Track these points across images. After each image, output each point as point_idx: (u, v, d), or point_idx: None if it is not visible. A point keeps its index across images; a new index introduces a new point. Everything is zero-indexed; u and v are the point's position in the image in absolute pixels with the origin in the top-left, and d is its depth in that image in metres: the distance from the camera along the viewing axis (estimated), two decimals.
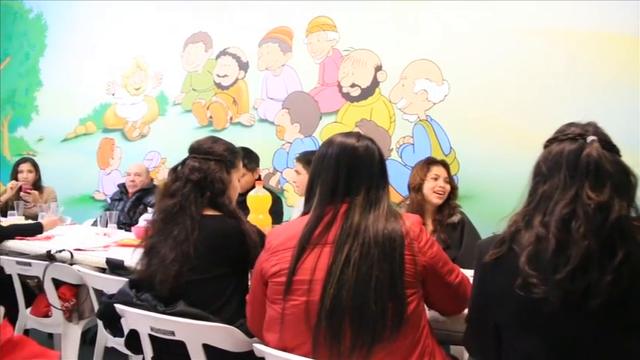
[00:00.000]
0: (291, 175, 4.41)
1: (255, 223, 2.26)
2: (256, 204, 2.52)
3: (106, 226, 3.89)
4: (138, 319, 1.92)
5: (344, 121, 4.18)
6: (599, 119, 1.41)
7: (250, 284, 1.77)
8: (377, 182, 1.64)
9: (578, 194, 1.28)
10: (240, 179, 3.18)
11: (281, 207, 3.70)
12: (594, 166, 1.29)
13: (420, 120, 3.88)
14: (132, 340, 2.08)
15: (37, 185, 4.86)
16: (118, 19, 5.64)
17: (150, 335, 1.93)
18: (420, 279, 1.54)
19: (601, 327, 1.25)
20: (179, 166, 2.15)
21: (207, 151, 2.16)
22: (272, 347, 1.56)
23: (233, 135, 4.62)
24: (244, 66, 4.75)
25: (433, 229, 3.04)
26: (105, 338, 2.68)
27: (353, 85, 4.17)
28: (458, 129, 3.74)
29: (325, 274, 1.49)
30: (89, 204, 5.80)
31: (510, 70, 3.55)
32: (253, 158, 3.75)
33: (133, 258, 2.16)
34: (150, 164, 5.15)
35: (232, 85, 4.81)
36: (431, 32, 3.86)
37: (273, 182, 4.47)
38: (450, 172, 3.17)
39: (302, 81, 4.42)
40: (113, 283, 2.36)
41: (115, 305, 1.96)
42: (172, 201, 2.05)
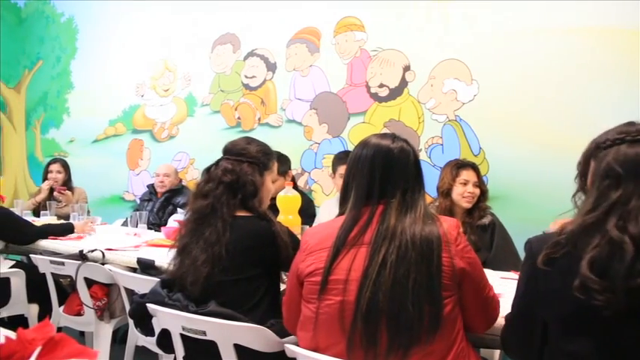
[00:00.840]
0: (319, 176, 4.41)
1: (284, 224, 2.26)
2: (286, 204, 2.52)
3: (136, 227, 3.93)
4: (170, 319, 1.94)
5: (372, 122, 4.17)
6: (633, 118, 1.38)
7: (287, 285, 1.78)
8: (412, 184, 1.63)
9: None
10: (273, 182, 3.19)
11: (312, 208, 3.70)
12: None
13: (449, 120, 3.85)
14: (163, 340, 2.09)
15: (68, 186, 4.94)
16: (147, 22, 5.69)
17: (181, 335, 1.94)
18: (457, 282, 1.53)
19: None
20: (212, 167, 2.15)
21: (240, 153, 2.16)
22: (304, 346, 1.57)
23: (261, 136, 4.58)
24: (272, 67, 4.76)
25: (463, 232, 3.00)
26: (136, 337, 2.71)
27: (381, 86, 4.15)
28: (487, 129, 3.70)
29: (361, 276, 1.49)
30: (119, 204, 5.86)
31: (541, 69, 3.51)
32: (284, 162, 3.74)
33: (166, 258, 2.18)
34: (178, 165, 5.19)
35: (260, 86, 4.83)
36: (460, 31, 3.83)
37: (301, 183, 4.46)
38: (480, 175, 3.11)
39: (330, 81, 4.41)
40: (144, 283, 2.39)
41: (147, 305, 1.98)
42: (205, 202, 2.06)
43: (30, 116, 6.93)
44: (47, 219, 4.27)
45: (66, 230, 3.52)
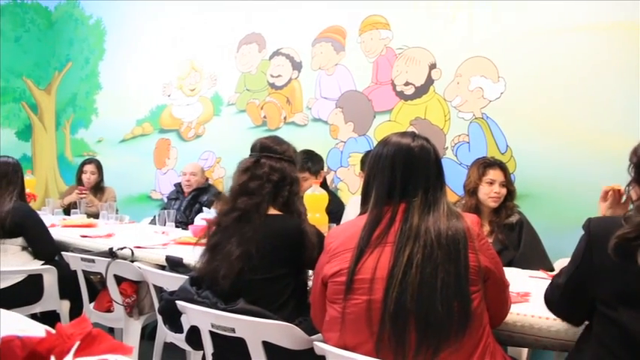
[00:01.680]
0: (345, 174, 4.41)
1: (311, 222, 2.27)
2: (313, 203, 2.52)
3: (164, 225, 3.98)
4: (199, 316, 1.96)
5: (398, 120, 4.15)
6: None
7: (312, 286, 1.79)
8: (434, 183, 1.63)
9: None
10: (303, 182, 3.20)
11: (340, 207, 3.70)
12: None
13: (476, 118, 3.82)
14: (192, 336, 2.11)
15: (99, 186, 5.01)
16: (173, 23, 5.75)
17: (210, 332, 1.96)
18: (482, 278, 1.54)
19: None
20: (252, 165, 2.14)
21: (280, 152, 2.17)
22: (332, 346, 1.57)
23: (287, 134, 4.61)
24: (298, 66, 4.77)
25: (490, 230, 2.97)
26: (164, 334, 2.73)
27: (407, 84, 4.13)
28: (514, 127, 3.66)
29: (387, 275, 1.49)
30: (146, 203, 5.93)
31: (568, 66, 3.45)
32: (316, 161, 3.74)
33: (193, 255, 2.20)
34: (205, 164, 5.23)
35: (286, 85, 4.84)
36: (486, 28, 3.78)
37: (327, 181, 4.47)
38: (508, 174, 3.06)
39: (355, 80, 4.40)
40: (172, 280, 2.41)
41: (177, 302, 2.00)
42: (250, 200, 2.06)
43: (60, 117, 7.06)
44: (77, 217, 4.34)
45: None
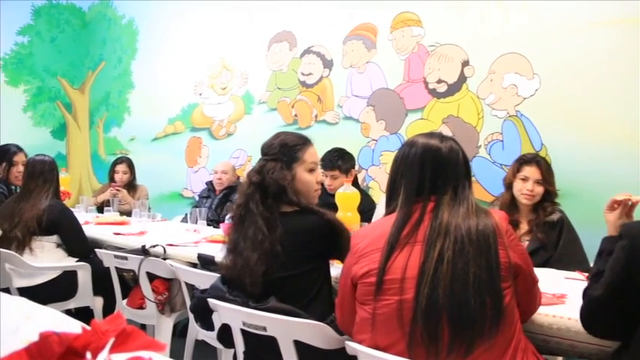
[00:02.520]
0: (376, 173, 4.38)
1: (343, 221, 2.25)
2: (345, 201, 2.50)
3: (196, 223, 4.00)
4: (230, 314, 1.96)
5: (430, 118, 4.11)
6: None
7: (339, 288, 1.77)
8: (463, 181, 1.63)
9: None
10: (326, 177, 3.18)
11: (371, 206, 3.67)
12: None
13: (510, 116, 3.76)
14: (224, 334, 2.12)
15: (132, 184, 5.06)
16: (204, 22, 5.78)
17: (242, 330, 1.96)
18: (512, 274, 1.52)
19: None
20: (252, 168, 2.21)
21: (265, 152, 2.19)
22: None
23: (318, 133, 4.64)
24: (329, 64, 4.76)
25: (529, 230, 2.91)
26: (196, 331, 2.74)
27: (439, 81, 4.09)
28: (550, 124, 3.59)
29: (418, 273, 1.48)
30: (178, 201, 5.98)
31: (605, 62, 3.37)
32: (347, 159, 3.72)
33: (221, 254, 2.20)
34: (236, 162, 5.26)
35: (317, 83, 4.83)
36: (520, 24, 3.72)
37: (358, 180, 4.45)
38: (546, 173, 2.91)
39: (387, 78, 4.37)
40: (204, 278, 2.42)
41: (208, 300, 2.00)
42: (240, 202, 2.11)
43: (93, 116, 7.16)
44: (110, 215, 4.40)
45: None
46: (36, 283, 3.12)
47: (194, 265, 2.76)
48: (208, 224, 4.10)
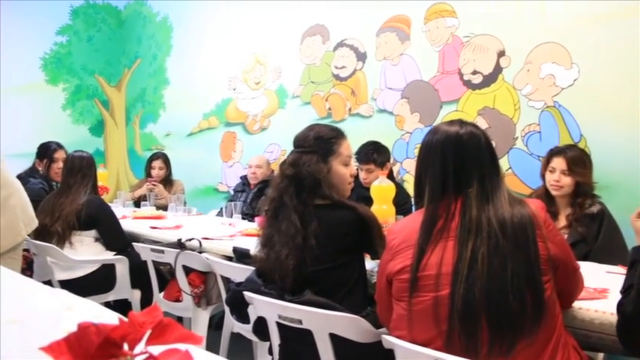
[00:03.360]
0: (411, 166, 4.34)
1: (378, 215, 2.23)
2: (380, 194, 2.48)
3: (231, 217, 4.03)
4: (266, 307, 1.96)
5: (465, 110, 4.05)
6: None
7: (376, 284, 1.77)
8: (489, 170, 1.58)
9: None
10: (361, 171, 3.17)
11: (407, 199, 3.64)
12: None
13: (547, 106, 3.69)
14: (259, 327, 2.13)
15: (168, 179, 5.13)
16: (237, 17, 5.80)
17: (277, 323, 1.96)
18: (551, 266, 1.48)
19: None
20: (283, 161, 2.19)
21: (299, 144, 2.17)
22: None
23: (352, 126, 4.62)
24: (362, 56, 4.73)
25: (567, 224, 2.86)
26: (231, 324, 2.76)
27: (474, 72, 4.03)
28: (589, 115, 3.51)
29: (452, 271, 1.45)
30: (213, 195, 6.04)
31: None
32: (382, 152, 3.69)
33: (256, 247, 2.21)
34: (270, 156, 5.28)
35: (350, 76, 4.81)
36: (557, 12, 3.63)
37: (393, 173, 4.42)
38: (574, 163, 2.88)
39: (421, 70, 4.33)
40: (239, 271, 2.44)
41: (244, 293, 2.01)
42: (273, 196, 2.10)
43: (130, 112, 7.27)
44: (147, 209, 4.46)
45: None
46: (76, 276, 3.19)
47: (229, 259, 2.78)
48: (243, 218, 4.13)
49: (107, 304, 3.15)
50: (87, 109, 7.05)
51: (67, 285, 2.98)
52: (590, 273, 2.14)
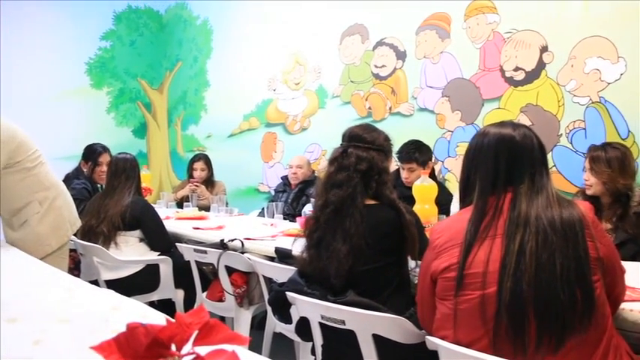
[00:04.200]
0: (452, 165, 4.30)
1: (420, 214, 2.22)
2: (422, 193, 2.47)
3: (273, 217, 4.05)
4: (309, 307, 1.96)
5: (508, 107, 3.99)
6: None
7: (418, 284, 1.75)
8: (540, 168, 1.57)
9: None
10: (402, 170, 3.15)
11: (448, 198, 3.60)
12: None
13: (593, 102, 3.60)
14: (302, 327, 2.13)
15: (210, 180, 5.18)
16: (277, 19, 5.83)
17: (320, 323, 1.96)
18: (600, 267, 1.45)
19: None
20: (339, 156, 2.13)
21: (369, 141, 2.13)
22: None
23: (392, 125, 4.60)
24: (402, 55, 4.70)
25: (614, 227, 2.78)
26: (274, 324, 2.77)
27: (516, 69, 3.96)
28: (637, 110, 3.41)
29: (499, 266, 1.43)
30: (254, 196, 6.08)
31: None
32: (424, 152, 3.65)
33: (295, 248, 2.21)
34: (311, 156, 5.29)
35: (390, 75, 4.78)
36: (602, 5, 3.54)
37: (435, 172, 4.37)
38: (593, 163, 2.84)
39: (462, 67, 4.28)
40: (282, 272, 2.44)
41: (287, 293, 2.02)
42: (342, 192, 2.03)
43: (171, 114, 7.37)
44: (189, 210, 4.52)
45: None
46: (121, 276, 3.25)
47: (271, 259, 2.79)
48: (284, 218, 4.14)
49: (151, 304, 3.20)
50: (130, 112, 7.19)
51: (113, 285, 3.03)
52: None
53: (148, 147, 7.39)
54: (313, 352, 2.15)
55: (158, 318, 1.27)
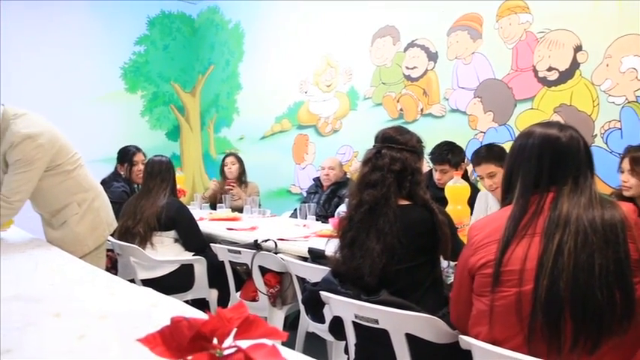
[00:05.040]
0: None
1: (453, 215, 2.22)
2: (454, 195, 2.47)
3: (305, 218, 4.07)
4: (342, 307, 1.98)
5: (541, 108, 3.95)
6: None
7: (455, 281, 1.75)
8: (584, 170, 1.56)
9: None
10: (435, 171, 3.14)
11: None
12: None
13: (629, 102, 3.55)
14: (335, 327, 2.15)
15: (242, 179, 5.24)
16: (308, 21, 5.86)
17: (353, 322, 1.98)
18: None
19: None
20: (373, 157, 2.16)
21: (402, 142, 2.15)
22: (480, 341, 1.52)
23: (424, 126, 4.60)
24: (433, 56, 4.69)
25: None
26: (307, 324, 2.79)
27: (550, 69, 3.92)
28: None
29: (537, 265, 1.43)
30: (286, 197, 6.12)
31: None
32: (457, 153, 3.64)
33: (328, 248, 2.22)
34: (343, 158, 5.30)
35: (422, 77, 4.77)
36: (636, 2, 3.48)
37: (467, 173, 4.35)
38: (635, 164, 2.80)
39: (494, 68, 4.25)
40: (315, 272, 2.47)
41: (320, 292, 2.04)
42: (376, 192, 2.06)
43: (204, 117, 7.46)
44: (222, 211, 4.58)
45: None
46: (157, 276, 3.31)
47: (304, 259, 2.81)
48: (317, 219, 4.17)
49: (185, 303, 3.24)
50: (163, 115, 7.29)
51: (149, 284, 3.06)
52: None
53: (181, 149, 7.49)
54: (346, 352, 2.17)
55: (196, 314, 1.30)
